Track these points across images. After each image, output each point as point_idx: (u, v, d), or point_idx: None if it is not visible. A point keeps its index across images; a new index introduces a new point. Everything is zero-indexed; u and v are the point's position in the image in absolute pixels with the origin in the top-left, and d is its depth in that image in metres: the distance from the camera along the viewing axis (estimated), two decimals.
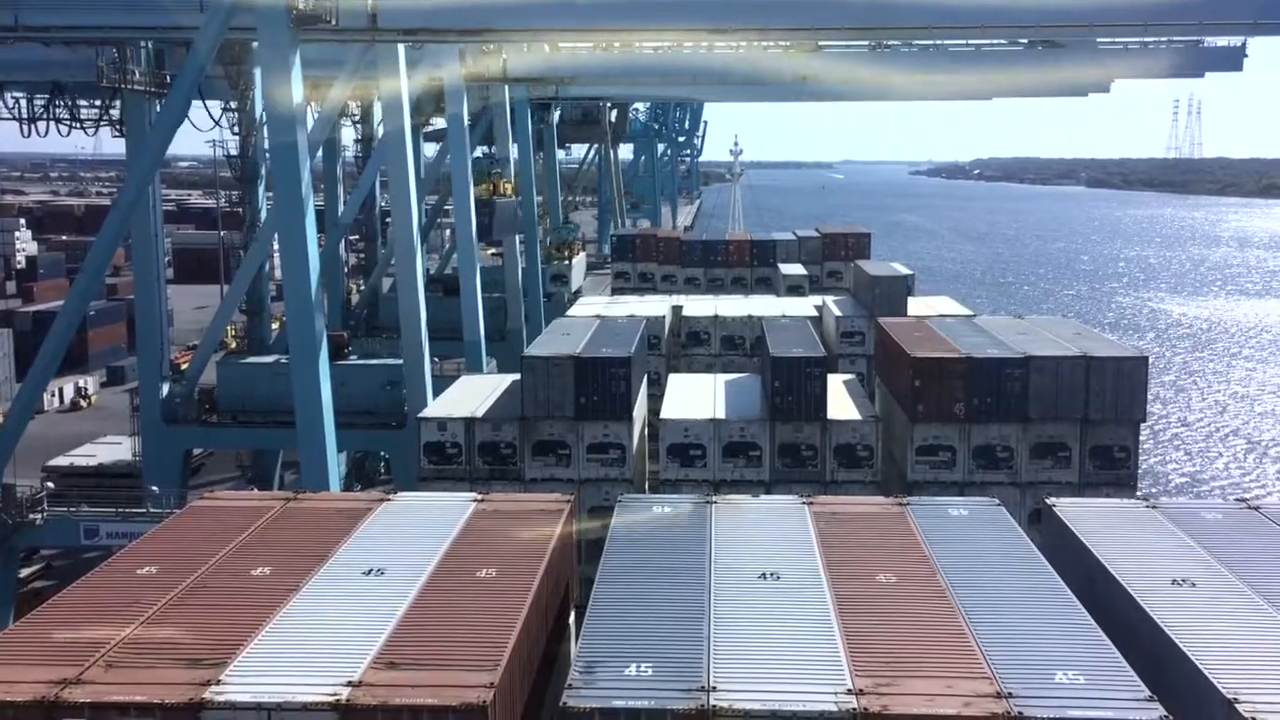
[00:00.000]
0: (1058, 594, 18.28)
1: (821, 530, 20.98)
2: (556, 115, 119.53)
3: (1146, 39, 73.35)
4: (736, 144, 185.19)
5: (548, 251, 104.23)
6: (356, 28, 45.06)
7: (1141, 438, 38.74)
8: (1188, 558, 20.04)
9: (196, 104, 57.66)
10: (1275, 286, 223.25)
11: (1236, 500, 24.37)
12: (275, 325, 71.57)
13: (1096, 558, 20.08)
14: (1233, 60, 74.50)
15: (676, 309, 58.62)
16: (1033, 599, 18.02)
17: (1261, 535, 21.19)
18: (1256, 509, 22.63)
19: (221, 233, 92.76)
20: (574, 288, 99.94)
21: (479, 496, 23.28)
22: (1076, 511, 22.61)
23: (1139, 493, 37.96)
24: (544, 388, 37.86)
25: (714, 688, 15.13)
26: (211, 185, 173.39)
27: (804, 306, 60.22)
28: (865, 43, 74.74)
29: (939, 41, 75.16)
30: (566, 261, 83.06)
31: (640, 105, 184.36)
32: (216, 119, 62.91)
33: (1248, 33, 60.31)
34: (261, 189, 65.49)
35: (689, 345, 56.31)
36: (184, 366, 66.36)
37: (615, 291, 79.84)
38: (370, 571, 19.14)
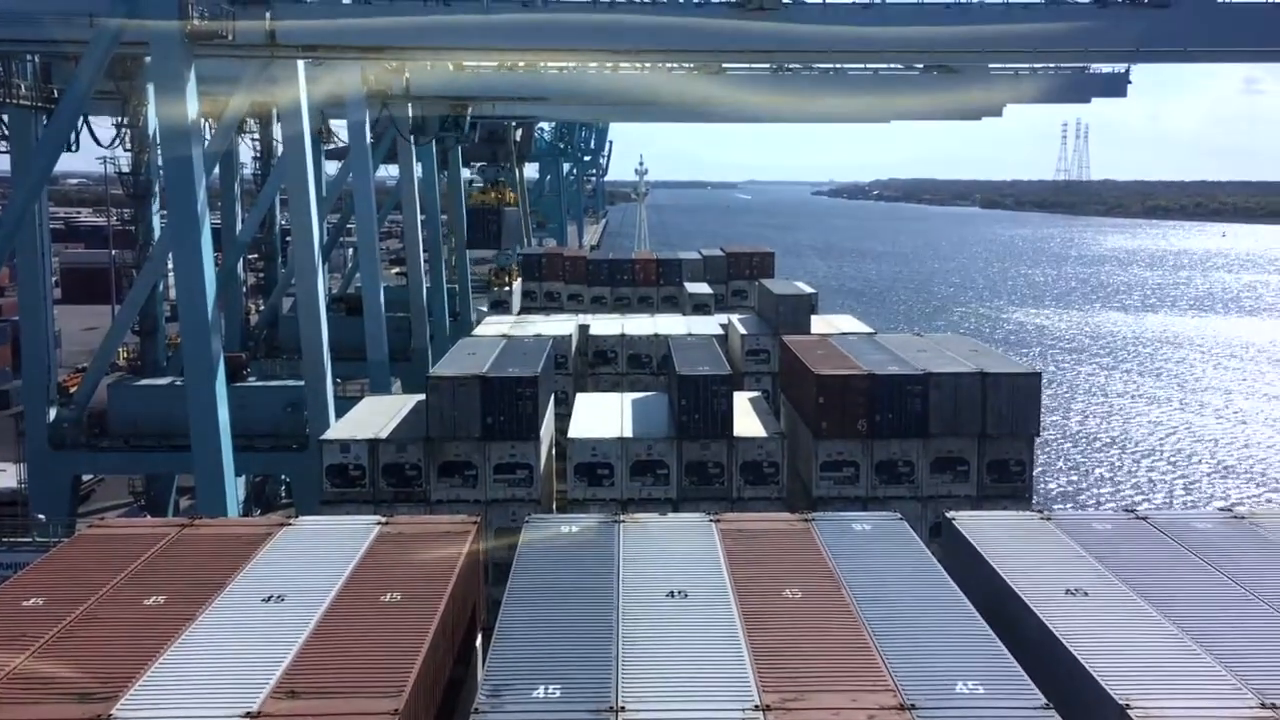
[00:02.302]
0: (958, 606, 18.65)
1: (728, 547, 21.10)
2: (476, 136, 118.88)
3: (1036, 65, 76.10)
4: (641, 164, 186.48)
5: (488, 277, 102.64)
6: (254, 44, 44.28)
7: (1035, 451, 39.85)
8: (1081, 567, 20.61)
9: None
10: (1154, 302, 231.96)
11: (1125, 510, 25.17)
12: (170, 346, 69.77)
13: (994, 569, 20.54)
14: (1117, 86, 77.66)
15: (583, 328, 58.73)
16: (934, 611, 18.35)
17: (1149, 544, 21.88)
18: (1144, 519, 23.37)
19: (112, 251, 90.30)
20: (514, 314, 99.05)
21: (383, 519, 22.90)
22: (975, 524, 23.09)
23: (1034, 505, 38.98)
24: (450, 408, 37.55)
25: (622, 707, 15.10)
26: (102, 202, 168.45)
27: (710, 325, 60.80)
28: (767, 66, 76.09)
29: (838, 65, 76.91)
30: (507, 288, 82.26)
31: (545, 125, 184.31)
32: (109, 140, 61.10)
33: (1130, 60, 62.78)
34: (155, 206, 63.85)
35: (596, 364, 56.39)
36: (72, 390, 64.25)
37: (522, 311, 79.62)
38: (270, 598, 18.69)
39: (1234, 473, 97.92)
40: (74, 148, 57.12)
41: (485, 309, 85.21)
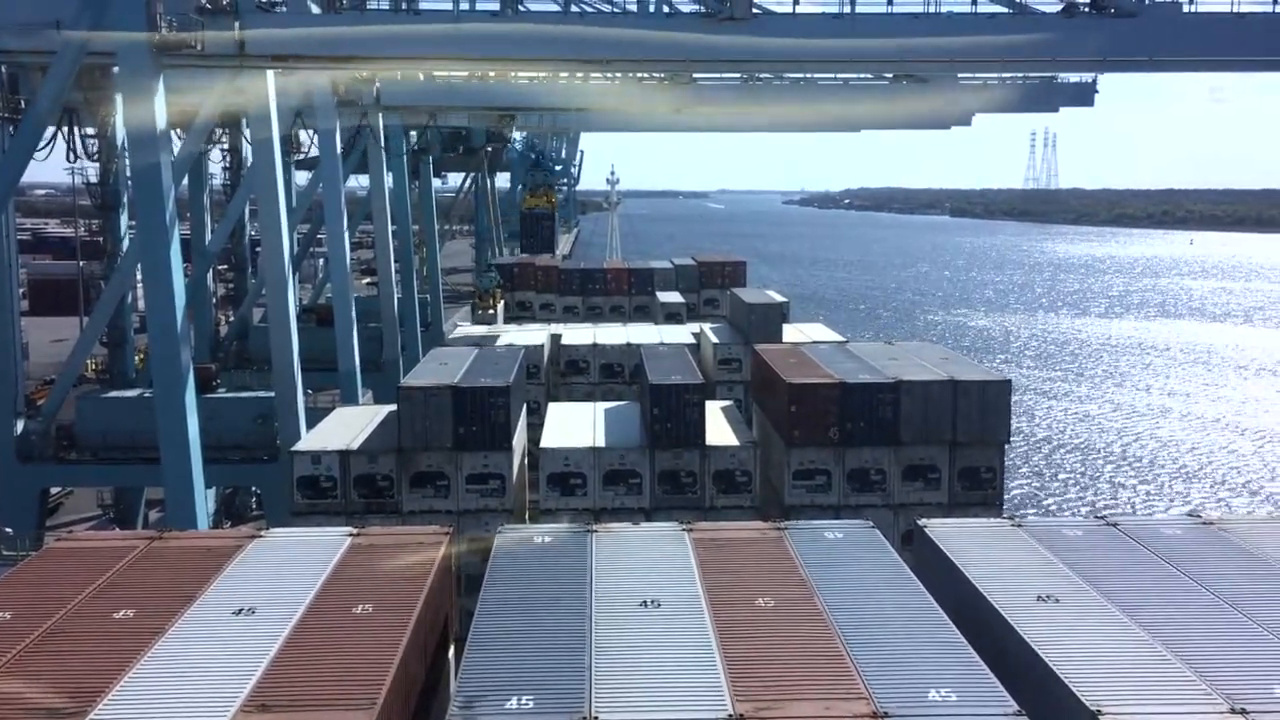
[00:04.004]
0: (930, 613, 18.73)
1: (701, 556, 21.11)
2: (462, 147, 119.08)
3: (1004, 74, 76.83)
4: (613, 173, 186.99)
5: (472, 301, 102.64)
6: (223, 54, 44.05)
7: (1005, 458, 40.07)
8: (1051, 574, 20.74)
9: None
10: (1122, 309, 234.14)
11: (1095, 517, 25.36)
12: (139, 358, 69.18)
13: (966, 576, 20.64)
14: (1084, 96, 78.57)
15: (555, 337, 58.63)
16: (906, 619, 18.42)
17: (1119, 550, 22.06)
18: (1114, 525, 23.55)
19: (81, 263, 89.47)
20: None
21: (355, 531, 22.78)
22: (946, 532, 23.20)
23: (1005, 512, 39.20)
24: (421, 418, 37.38)
25: (595, 718, 15.08)
26: (69, 213, 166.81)
27: (682, 334, 60.86)
28: (737, 76, 76.44)
29: (808, 76, 77.34)
30: (491, 310, 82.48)
31: (517, 134, 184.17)
32: (76, 150, 60.57)
33: (1097, 69, 63.47)
34: (124, 217, 63.34)
35: (568, 374, 56.32)
36: (40, 402, 63.61)
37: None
38: (240, 611, 18.55)
39: (1201, 478, 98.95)
40: (92, 155, 57.00)
41: (469, 324, 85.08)
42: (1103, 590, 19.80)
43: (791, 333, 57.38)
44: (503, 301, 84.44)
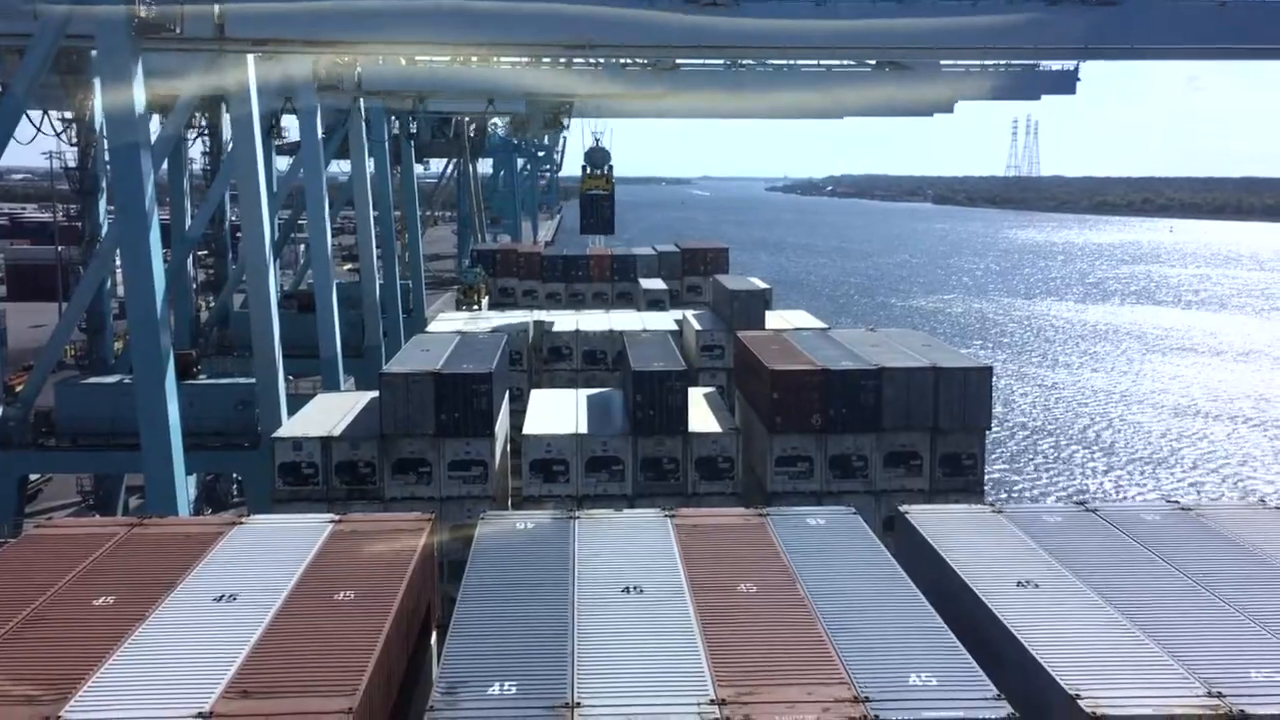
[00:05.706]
0: (911, 599, 18.83)
1: (684, 543, 21.15)
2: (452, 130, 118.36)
3: (987, 62, 76.93)
4: None
5: (457, 295, 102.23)
6: (202, 36, 43.65)
7: (986, 445, 40.26)
8: (1032, 560, 20.88)
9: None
10: (1101, 296, 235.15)
11: (1075, 503, 25.51)
12: (118, 344, 68.75)
13: (947, 562, 20.75)
14: (1066, 84, 78.71)
15: (538, 324, 58.55)
16: (888, 605, 18.52)
17: (1099, 536, 22.22)
18: (1094, 511, 23.71)
19: (59, 248, 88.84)
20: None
21: (336, 517, 22.73)
22: (928, 518, 23.31)
23: (986, 498, 39.40)
24: (403, 405, 37.31)
25: (578, 704, 15.11)
26: (48, 198, 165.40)
27: (664, 321, 60.87)
28: (720, 61, 76.32)
29: (791, 62, 77.28)
30: (476, 306, 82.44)
31: (499, 119, 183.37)
32: (52, 131, 60.09)
33: (1078, 57, 63.63)
34: (102, 202, 62.84)
35: (551, 360, 56.28)
36: (18, 388, 63.16)
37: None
38: (221, 598, 18.50)
39: (1180, 464, 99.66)
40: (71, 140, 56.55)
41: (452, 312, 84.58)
42: (1082, 575, 19.94)
43: (774, 319, 57.46)
44: (488, 296, 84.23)
